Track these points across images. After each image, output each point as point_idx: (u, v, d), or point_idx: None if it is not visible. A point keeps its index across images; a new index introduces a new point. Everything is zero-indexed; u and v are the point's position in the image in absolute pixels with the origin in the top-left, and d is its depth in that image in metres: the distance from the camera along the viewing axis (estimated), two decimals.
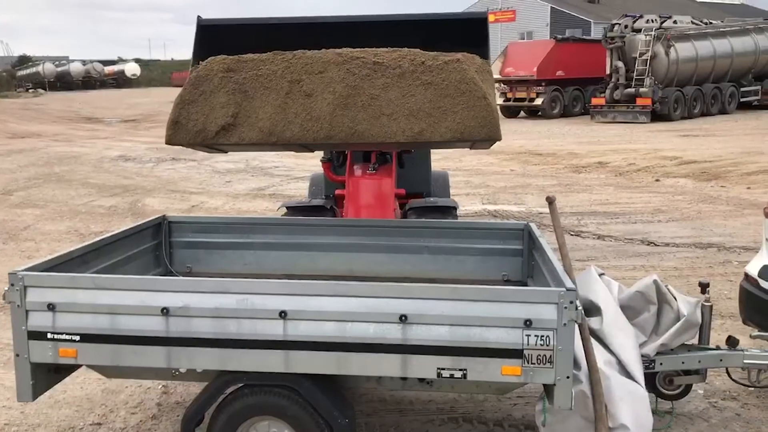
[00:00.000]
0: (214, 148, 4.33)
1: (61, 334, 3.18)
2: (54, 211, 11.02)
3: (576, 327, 3.06)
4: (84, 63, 67.34)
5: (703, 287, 3.91)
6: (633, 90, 24.15)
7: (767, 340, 4.14)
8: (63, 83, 63.09)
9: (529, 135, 21.40)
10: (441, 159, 14.62)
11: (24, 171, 15.58)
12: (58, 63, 66.40)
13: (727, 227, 9.11)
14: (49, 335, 3.19)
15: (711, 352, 3.87)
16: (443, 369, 3.05)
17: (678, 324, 3.72)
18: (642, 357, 3.63)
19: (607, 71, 24.98)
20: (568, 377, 3.00)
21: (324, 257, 4.61)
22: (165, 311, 3.12)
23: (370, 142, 3.79)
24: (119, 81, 68.82)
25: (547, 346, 2.97)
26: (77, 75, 65.09)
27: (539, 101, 26.92)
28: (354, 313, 3.07)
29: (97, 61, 70.20)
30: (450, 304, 3.04)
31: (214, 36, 4.52)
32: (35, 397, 3.31)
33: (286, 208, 5.69)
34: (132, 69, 70.82)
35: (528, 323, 2.97)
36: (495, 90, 4.59)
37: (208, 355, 3.15)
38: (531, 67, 26.73)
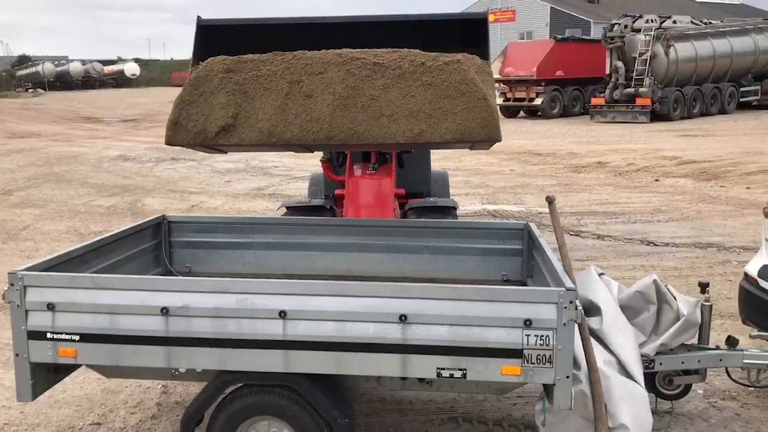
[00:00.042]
0: (213, 148, 4.33)
1: (61, 333, 3.18)
2: (53, 211, 11.01)
3: (576, 327, 3.06)
4: (83, 63, 67.30)
5: (703, 287, 3.91)
6: (632, 90, 24.16)
7: (767, 339, 4.14)
8: (62, 83, 63.06)
9: (529, 135, 21.40)
10: (441, 159, 14.62)
11: (23, 171, 15.58)
12: (57, 63, 66.35)
13: (727, 227, 9.12)
14: (49, 335, 3.19)
15: (710, 352, 3.87)
16: (443, 369, 3.05)
17: (678, 324, 3.72)
18: (642, 357, 3.63)
19: (607, 71, 24.99)
20: (567, 377, 3.00)
21: (324, 257, 4.61)
22: (165, 311, 3.12)
23: (370, 143, 3.79)
24: (119, 81, 68.82)
25: (547, 345, 2.98)
26: (77, 75, 65.06)
27: (539, 101, 26.93)
28: (354, 313, 3.07)
29: (97, 61, 70.18)
30: (450, 303, 3.04)
31: (213, 36, 4.51)
32: (35, 397, 3.31)
33: (285, 207, 5.69)
34: (131, 69, 70.80)
35: (528, 323, 2.97)
36: (495, 90, 4.59)
37: (207, 355, 3.15)
38: (531, 67, 26.74)
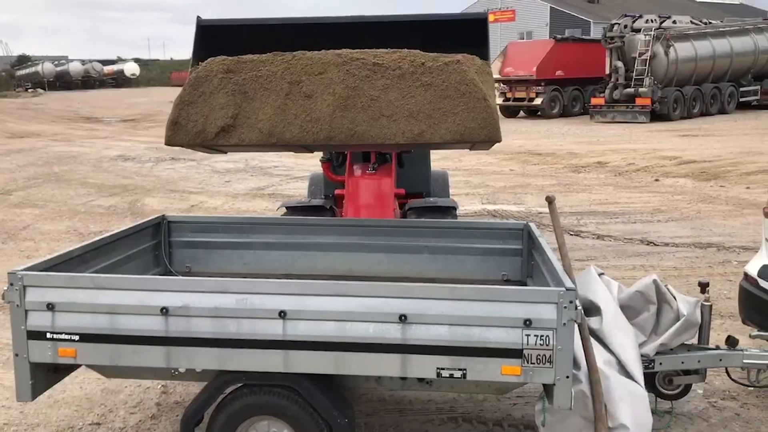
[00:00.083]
0: (213, 149, 4.33)
1: (61, 333, 3.18)
2: (53, 211, 11.01)
3: (575, 327, 3.06)
4: (83, 63, 67.32)
5: (703, 287, 3.91)
6: (632, 90, 24.16)
7: (767, 339, 4.14)
8: (62, 83, 63.07)
9: (529, 135, 21.40)
10: (440, 159, 14.62)
11: (23, 171, 15.57)
12: (57, 63, 66.36)
13: (727, 227, 9.12)
14: (49, 335, 3.19)
15: (710, 351, 3.87)
16: (443, 369, 3.05)
17: (677, 324, 3.72)
18: (641, 357, 3.63)
19: (607, 71, 24.99)
20: (567, 377, 3.00)
21: (323, 257, 4.61)
22: (164, 311, 3.12)
23: (369, 143, 3.79)
24: (118, 80, 68.83)
25: (547, 345, 2.98)
26: (76, 75, 65.06)
27: (539, 101, 26.93)
28: (353, 313, 3.07)
29: (97, 61, 70.21)
30: (449, 303, 3.04)
31: (213, 36, 4.51)
32: (34, 397, 3.31)
33: (285, 207, 5.69)
34: (131, 69, 70.81)
35: (528, 323, 2.97)
36: (495, 91, 4.58)
37: (207, 355, 3.15)
38: (530, 67, 26.75)
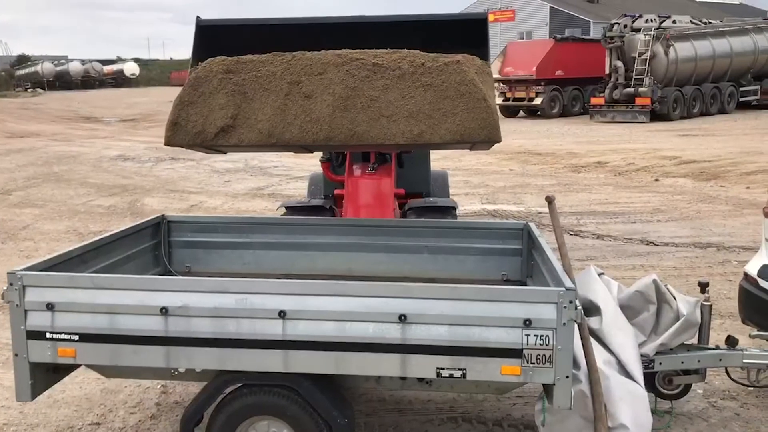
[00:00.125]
0: (213, 149, 4.33)
1: (60, 333, 3.18)
2: (53, 211, 11.01)
3: (575, 326, 3.06)
4: (83, 62, 67.35)
5: (703, 287, 3.91)
6: (632, 90, 24.16)
7: (766, 339, 4.14)
8: (62, 83, 63.09)
9: (528, 135, 21.40)
10: (440, 159, 14.62)
11: (23, 170, 15.57)
12: (57, 62, 66.39)
13: (727, 227, 9.12)
14: (48, 335, 3.19)
15: (710, 351, 3.87)
16: (442, 369, 3.05)
17: (677, 324, 3.72)
18: (641, 357, 3.63)
19: (607, 71, 25.00)
20: (567, 377, 3.00)
21: (323, 257, 4.61)
22: (164, 311, 3.12)
23: (369, 143, 3.79)
24: (118, 80, 68.86)
25: (547, 345, 2.98)
26: (76, 74, 65.09)
27: (538, 101, 26.94)
28: (353, 313, 3.07)
29: (96, 61, 70.26)
30: (449, 303, 3.04)
31: (213, 37, 4.51)
32: (34, 397, 3.31)
33: (285, 207, 5.69)
34: (131, 68, 70.84)
35: (527, 323, 2.97)
36: (495, 91, 4.58)
37: (207, 355, 3.15)
38: (530, 67, 26.75)
